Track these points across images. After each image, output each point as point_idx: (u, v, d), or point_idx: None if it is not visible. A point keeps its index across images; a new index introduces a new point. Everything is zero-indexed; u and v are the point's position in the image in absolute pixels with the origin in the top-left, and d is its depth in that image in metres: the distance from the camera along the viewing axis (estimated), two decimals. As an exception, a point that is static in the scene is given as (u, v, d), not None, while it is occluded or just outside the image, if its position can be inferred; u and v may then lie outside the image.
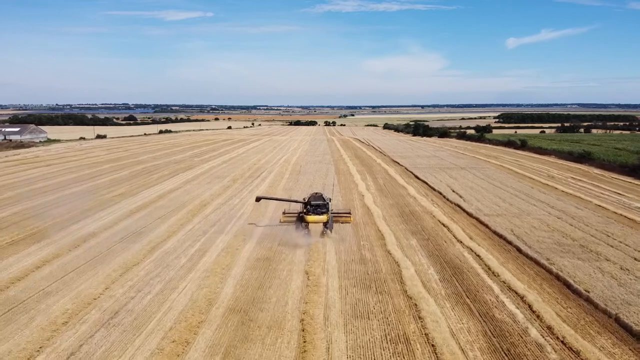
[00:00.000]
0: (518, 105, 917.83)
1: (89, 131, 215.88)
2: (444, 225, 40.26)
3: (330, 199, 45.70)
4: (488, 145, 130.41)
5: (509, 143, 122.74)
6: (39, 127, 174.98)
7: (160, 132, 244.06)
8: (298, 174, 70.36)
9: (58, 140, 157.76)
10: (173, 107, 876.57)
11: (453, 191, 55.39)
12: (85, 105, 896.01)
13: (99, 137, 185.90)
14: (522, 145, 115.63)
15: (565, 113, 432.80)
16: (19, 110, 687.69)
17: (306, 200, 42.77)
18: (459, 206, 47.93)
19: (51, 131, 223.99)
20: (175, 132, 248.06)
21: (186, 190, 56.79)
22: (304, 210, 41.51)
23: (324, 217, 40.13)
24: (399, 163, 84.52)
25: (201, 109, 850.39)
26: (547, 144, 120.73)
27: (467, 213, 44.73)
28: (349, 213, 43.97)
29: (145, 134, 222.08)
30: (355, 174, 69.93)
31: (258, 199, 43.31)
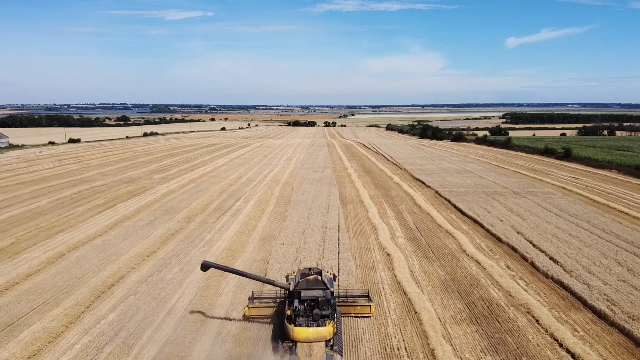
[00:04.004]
0: (519, 105, 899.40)
1: (70, 133, 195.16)
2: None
3: (335, 278, 25.32)
4: (521, 153, 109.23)
5: (547, 151, 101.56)
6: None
7: (145, 134, 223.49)
8: (287, 205, 49.26)
9: (19, 147, 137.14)
10: (172, 107, 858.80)
11: (532, 245, 34.41)
12: (83, 106, 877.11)
13: (71, 141, 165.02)
14: (566, 154, 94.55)
15: (575, 113, 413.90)
16: (16, 110, 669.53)
17: (292, 285, 22.74)
18: (565, 287, 27.00)
19: (27, 134, 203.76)
20: (162, 134, 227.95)
21: (106, 241, 35.79)
22: (289, 311, 21.41)
23: (325, 331, 20.55)
24: (424, 183, 63.38)
25: (199, 109, 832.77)
26: (593, 153, 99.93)
27: (600, 315, 23.72)
28: (368, 297, 23.79)
29: (127, 137, 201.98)
30: (369, 205, 48.90)
31: (205, 268, 23.34)
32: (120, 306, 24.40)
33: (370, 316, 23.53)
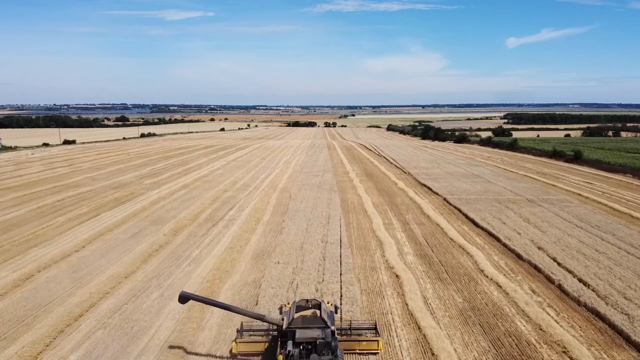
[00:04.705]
0: (519, 105, 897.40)
1: (67, 134, 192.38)
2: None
3: (337, 309, 21.72)
4: (528, 155, 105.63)
5: (555, 154, 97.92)
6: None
7: (142, 135, 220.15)
8: (284, 214, 45.64)
9: (12, 148, 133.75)
10: (171, 107, 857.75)
11: (557, 263, 30.79)
12: (83, 106, 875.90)
13: (66, 142, 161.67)
14: (575, 157, 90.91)
15: (577, 113, 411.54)
16: (16, 110, 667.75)
17: (285, 321, 19.24)
18: (601, 317, 23.43)
19: (23, 135, 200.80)
20: (159, 135, 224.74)
21: (82, 258, 32.20)
22: (280, 355, 18.05)
23: (325, 381, 16.41)
24: (431, 189, 59.74)
25: (199, 109, 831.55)
26: (603, 155, 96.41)
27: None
28: (375, 329, 20.17)
29: (124, 138, 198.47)
30: (373, 214, 45.32)
31: (184, 299, 19.73)
32: (85, 344, 20.82)
33: (378, 352, 20.03)
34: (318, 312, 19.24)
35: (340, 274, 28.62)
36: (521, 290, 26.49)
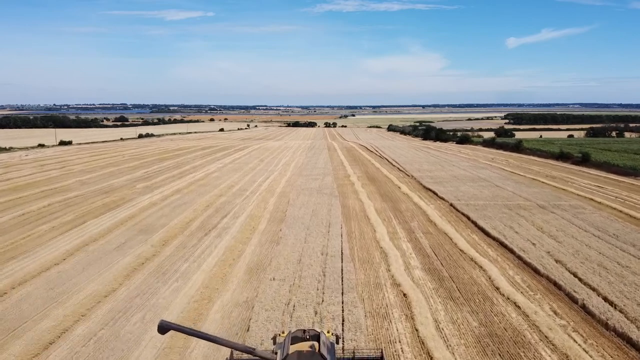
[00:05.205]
0: (519, 105, 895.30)
1: (64, 134, 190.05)
2: None
3: (338, 339, 19.00)
4: (533, 157, 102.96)
5: (562, 156, 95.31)
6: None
7: (140, 136, 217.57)
8: (281, 221, 43.03)
9: (6, 149, 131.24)
10: (171, 108, 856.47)
11: (578, 279, 28.20)
12: (83, 106, 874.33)
13: (62, 143, 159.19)
14: (583, 159, 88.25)
15: (578, 113, 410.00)
16: (16, 110, 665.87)
17: (278, 356, 16.62)
18: (634, 344, 20.91)
19: (19, 135, 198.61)
20: (158, 135, 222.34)
21: (61, 273, 29.59)
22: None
23: None
24: (436, 194, 57.10)
25: (199, 109, 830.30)
26: (611, 157, 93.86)
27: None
28: (382, 359, 17.55)
29: (121, 139, 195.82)
30: (376, 222, 42.73)
31: (163, 330, 16.79)
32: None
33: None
34: (317, 344, 16.68)
35: (342, 293, 26.01)
36: (542, 312, 23.90)
